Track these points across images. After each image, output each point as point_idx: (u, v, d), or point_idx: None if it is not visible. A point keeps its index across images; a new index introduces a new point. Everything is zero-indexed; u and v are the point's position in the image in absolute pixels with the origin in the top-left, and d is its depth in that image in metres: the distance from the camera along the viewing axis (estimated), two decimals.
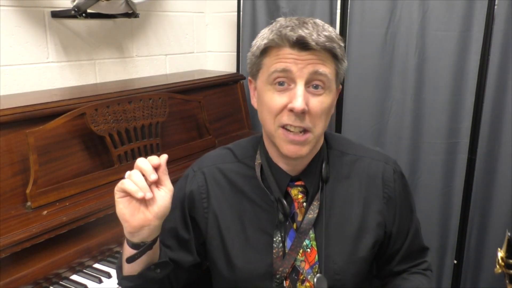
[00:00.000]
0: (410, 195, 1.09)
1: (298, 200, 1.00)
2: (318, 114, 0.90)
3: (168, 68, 2.33)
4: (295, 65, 0.87)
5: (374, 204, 1.02)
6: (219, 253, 1.02)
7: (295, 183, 1.00)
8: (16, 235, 1.19)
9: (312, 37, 0.86)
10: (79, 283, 1.27)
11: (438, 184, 1.97)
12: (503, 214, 1.84)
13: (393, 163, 1.06)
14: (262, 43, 0.92)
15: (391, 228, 1.04)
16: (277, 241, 0.98)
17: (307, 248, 0.98)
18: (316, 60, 0.88)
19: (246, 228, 1.00)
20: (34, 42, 1.74)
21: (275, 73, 0.89)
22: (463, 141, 1.91)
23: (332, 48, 0.88)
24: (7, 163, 1.30)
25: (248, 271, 0.99)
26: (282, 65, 0.88)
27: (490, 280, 1.92)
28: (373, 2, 1.93)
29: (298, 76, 0.88)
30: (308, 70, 0.87)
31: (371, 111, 2.02)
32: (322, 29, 0.89)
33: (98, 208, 1.38)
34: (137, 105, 1.62)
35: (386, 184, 1.03)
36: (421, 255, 1.12)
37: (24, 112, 1.36)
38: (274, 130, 0.92)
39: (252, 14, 2.23)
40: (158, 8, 2.21)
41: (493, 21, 1.75)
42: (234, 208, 1.02)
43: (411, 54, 1.91)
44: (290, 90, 0.89)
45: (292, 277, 0.98)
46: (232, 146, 1.09)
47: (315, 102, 0.89)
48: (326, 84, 0.90)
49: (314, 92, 0.90)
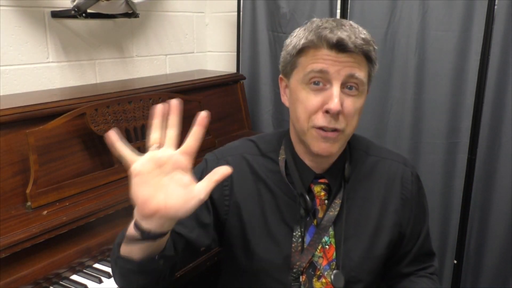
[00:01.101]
0: (424, 199, 1.11)
1: (321, 197, 1.01)
2: (351, 114, 0.92)
3: (168, 68, 2.33)
4: (333, 67, 0.88)
5: (392, 204, 1.04)
6: (238, 241, 1.02)
7: (319, 180, 1.02)
8: (16, 235, 1.19)
9: (351, 39, 0.87)
10: (79, 283, 1.27)
11: (438, 184, 1.97)
12: (503, 214, 1.84)
13: (412, 166, 1.10)
14: (300, 43, 0.92)
15: (405, 228, 1.06)
16: (297, 236, 0.99)
17: (325, 244, 1.00)
18: (352, 63, 0.89)
19: (268, 219, 1.01)
20: (34, 42, 1.74)
21: (312, 73, 0.90)
22: (463, 141, 1.91)
23: (368, 51, 0.90)
24: (7, 163, 1.30)
25: (266, 260, 1.00)
26: (320, 65, 0.89)
27: (490, 280, 1.92)
28: (373, 2, 1.93)
29: (335, 78, 0.89)
30: (345, 73, 0.89)
31: (371, 111, 2.02)
32: (359, 32, 0.90)
33: (98, 208, 1.38)
34: (137, 105, 1.62)
35: (404, 185, 1.06)
36: (429, 259, 1.14)
37: (24, 112, 1.36)
38: (307, 129, 0.94)
39: (252, 14, 2.23)
40: (158, 8, 2.22)
41: (493, 21, 1.75)
42: (256, 198, 1.02)
43: (411, 54, 1.91)
44: (326, 91, 0.90)
45: (308, 272, 0.99)
46: (255, 139, 1.09)
47: (349, 103, 0.91)
48: (360, 87, 0.92)
49: (348, 93, 0.91)
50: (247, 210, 1.02)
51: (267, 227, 1.01)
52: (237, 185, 1.02)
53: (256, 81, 2.29)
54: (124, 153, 0.70)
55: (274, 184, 1.02)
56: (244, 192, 1.02)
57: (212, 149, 1.11)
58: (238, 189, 1.02)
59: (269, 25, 2.21)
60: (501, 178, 1.82)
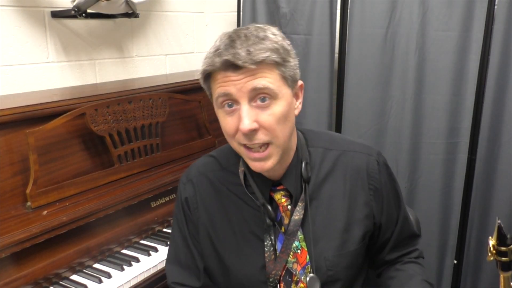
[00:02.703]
0: (396, 184, 1.09)
1: (282, 204, 1.00)
2: (273, 126, 0.88)
3: (168, 68, 2.33)
4: (234, 87, 0.86)
5: (360, 197, 1.02)
6: (212, 261, 1.04)
7: (277, 187, 1.01)
8: (16, 235, 1.19)
9: (239, 56, 0.83)
10: (79, 283, 1.27)
11: (438, 184, 1.97)
12: (503, 214, 1.83)
13: (377, 154, 1.06)
14: (204, 70, 0.90)
15: (380, 218, 1.05)
16: (268, 245, 0.99)
17: (297, 249, 0.99)
18: (251, 77, 0.85)
19: (236, 233, 1.02)
20: (34, 42, 1.74)
21: (220, 97, 0.89)
22: (463, 141, 1.91)
23: (265, 58, 0.85)
24: (7, 163, 1.30)
25: (242, 275, 1.00)
26: (222, 89, 0.87)
27: (490, 280, 1.92)
28: (373, 2, 1.93)
29: (240, 97, 0.86)
30: (246, 89, 0.85)
31: (371, 111, 2.02)
32: (253, 42, 0.85)
33: (98, 208, 1.38)
34: (137, 105, 1.62)
35: (371, 176, 1.03)
36: (412, 242, 1.13)
37: (24, 112, 1.36)
38: (238, 147, 0.93)
39: (252, 14, 2.23)
40: (158, 8, 2.22)
41: (493, 22, 1.75)
42: (223, 214, 1.03)
43: (411, 54, 1.91)
44: (238, 110, 0.88)
45: (286, 280, 0.99)
46: (215, 154, 1.10)
47: (265, 116, 0.87)
48: (272, 94, 0.87)
49: (262, 105, 0.87)
50: (216, 228, 1.03)
51: (237, 241, 1.01)
52: (202, 205, 1.05)
53: None
54: None
55: (237, 197, 1.03)
56: (210, 211, 1.04)
57: (212, 149, 1.11)
58: (204, 210, 1.05)
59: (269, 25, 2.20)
60: (501, 178, 1.82)
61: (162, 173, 1.64)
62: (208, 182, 1.06)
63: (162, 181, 1.60)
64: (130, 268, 1.36)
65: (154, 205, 1.58)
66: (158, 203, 1.60)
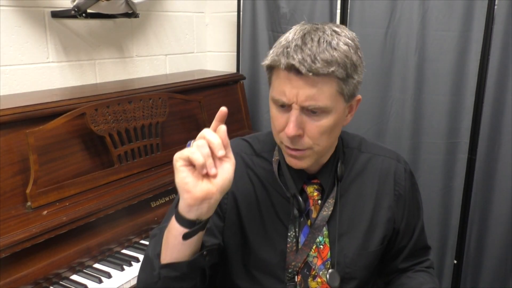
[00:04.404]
0: (418, 194, 1.12)
1: (314, 197, 1.01)
2: (317, 136, 0.89)
3: (168, 68, 2.33)
4: (290, 90, 0.86)
5: (385, 200, 1.05)
6: (237, 237, 1.03)
7: (312, 181, 1.02)
8: (16, 235, 1.19)
9: (304, 63, 0.82)
10: (79, 283, 1.27)
11: (438, 184, 1.98)
12: (503, 214, 1.84)
13: (404, 162, 1.10)
14: (266, 62, 0.90)
15: (399, 224, 1.07)
16: (291, 236, 1.00)
17: (320, 244, 1.00)
18: (309, 87, 0.84)
19: (264, 216, 1.02)
20: (34, 42, 1.74)
21: (276, 94, 0.89)
22: (463, 141, 1.91)
23: (329, 73, 0.84)
24: (7, 163, 1.30)
25: (263, 257, 1.00)
26: (280, 88, 0.88)
27: (490, 280, 1.92)
28: (373, 2, 1.93)
29: (293, 102, 0.86)
30: (302, 98, 0.85)
31: (371, 111, 2.02)
32: (323, 49, 0.84)
33: (98, 208, 1.38)
34: (137, 105, 1.62)
35: (397, 181, 1.06)
36: (424, 253, 1.15)
37: (24, 112, 1.36)
38: (279, 142, 0.95)
39: (252, 14, 2.23)
40: (158, 8, 2.22)
41: (493, 21, 1.76)
42: (253, 195, 1.03)
43: (411, 54, 1.91)
44: (289, 112, 0.88)
45: (303, 273, 1.00)
46: (249, 139, 1.09)
47: (312, 126, 0.88)
48: (324, 109, 0.87)
49: (312, 116, 0.88)
50: (244, 206, 1.03)
51: (263, 224, 1.02)
52: (235, 181, 1.02)
53: (256, 81, 2.29)
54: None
55: (268, 183, 1.03)
56: (241, 189, 1.03)
57: None
58: (236, 186, 1.02)
59: (269, 25, 2.21)
60: (501, 178, 1.82)
61: (162, 173, 1.64)
62: (242, 161, 1.04)
63: (162, 181, 1.60)
64: (130, 268, 1.36)
65: (154, 205, 1.58)
66: (158, 203, 1.60)
